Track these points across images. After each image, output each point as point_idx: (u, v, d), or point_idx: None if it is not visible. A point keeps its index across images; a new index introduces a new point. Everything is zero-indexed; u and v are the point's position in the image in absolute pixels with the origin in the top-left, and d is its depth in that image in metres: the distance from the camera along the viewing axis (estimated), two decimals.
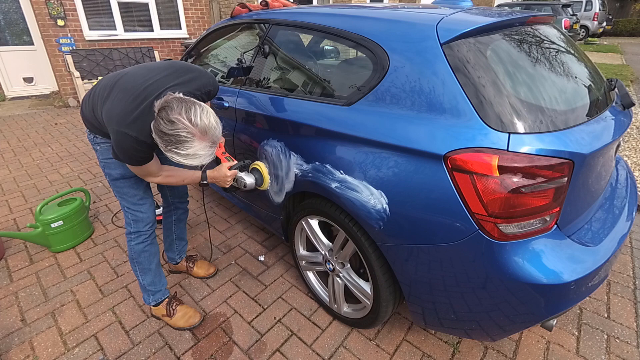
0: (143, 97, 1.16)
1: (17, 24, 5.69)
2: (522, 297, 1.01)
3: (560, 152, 0.96)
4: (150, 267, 1.56)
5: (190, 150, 1.08)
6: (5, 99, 5.93)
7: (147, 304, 1.60)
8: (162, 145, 1.08)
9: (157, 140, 1.09)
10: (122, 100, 1.17)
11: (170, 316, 1.59)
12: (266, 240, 2.24)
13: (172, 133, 1.05)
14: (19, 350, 1.48)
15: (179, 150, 1.07)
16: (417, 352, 1.48)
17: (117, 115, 1.16)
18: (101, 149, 1.39)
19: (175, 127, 1.05)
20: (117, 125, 1.15)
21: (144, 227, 1.50)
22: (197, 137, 1.08)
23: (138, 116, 1.15)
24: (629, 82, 6.26)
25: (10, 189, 2.90)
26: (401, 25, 1.22)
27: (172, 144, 1.06)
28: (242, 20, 1.98)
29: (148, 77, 1.21)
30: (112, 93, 1.21)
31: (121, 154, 1.20)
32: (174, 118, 1.05)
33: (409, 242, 1.12)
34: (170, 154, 1.09)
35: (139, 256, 1.52)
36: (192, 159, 1.11)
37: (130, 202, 1.46)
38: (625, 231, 1.25)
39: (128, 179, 1.42)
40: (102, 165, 1.42)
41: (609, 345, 1.49)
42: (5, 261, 2.03)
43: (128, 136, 1.14)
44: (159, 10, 6.19)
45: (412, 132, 1.07)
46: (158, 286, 1.60)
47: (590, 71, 1.35)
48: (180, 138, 1.05)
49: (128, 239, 1.52)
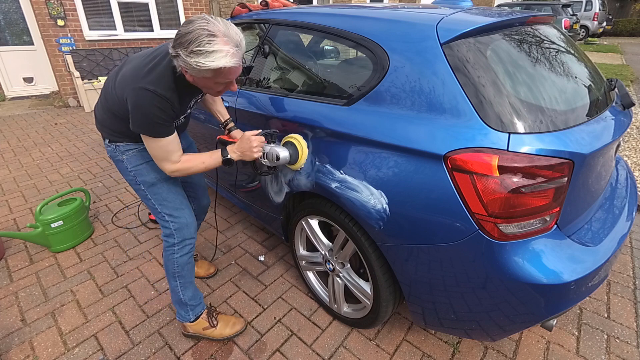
0: (155, 55, 1.13)
1: (17, 24, 5.69)
2: (522, 297, 1.01)
3: (560, 152, 0.96)
4: (191, 280, 1.46)
5: (215, 47, 0.97)
6: (5, 99, 5.93)
7: (186, 321, 1.48)
8: (184, 52, 0.97)
9: (179, 54, 0.99)
10: (134, 63, 1.14)
11: (214, 326, 1.50)
12: (266, 240, 2.24)
13: (191, 30, 0.96)
14: (19, 350, 1.48)
15: (201, 48, 0.96)
16: (417, 352, 1.48)
17: (130, 75, 1.10)
18: (128, 157, 1.29)
19: (195, 24, 0.97)
20: (133, 83, 1.08)
21: (189, 234, 1.39)
22: (220, 36, 0.98)
23: (153, 67, 1.09)
24: (629, 82, 6.26)
25: (10, 189, 2.90)
26: (401, 25, 1.22)
27: (194, 42, 0.96)
28: (242, 20, 1.98)
29: (156, 47, 1.20)
30: (122, 69, 1.18)
31: (140, 120, 1.10)
32: (195, 17, 0.99)
33: (409, 242, 1.12)
34: (194, 57, 0.97)
35: (183, 269, 1.40)
36: (218, 57, 0.98)
37: (172, 207, 1.35)
38: (625, 231, 1.25)
39: (166, 181, 1.33)
40: (132, 175, 1.32)
41: (609, 345, 1.49)
42: (5, 261, 2.03)
43: (146, 91, 1.06)
44: (159, 10, 6.19)
45: (412, 132, 1.07)
46: (197, 299, 1.50)
47: (590, 71, 1.35)
48: (201, 32, 0.96)
49: (169, 252, 1.38)
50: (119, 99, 1.14)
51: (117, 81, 1.15)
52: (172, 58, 1.04)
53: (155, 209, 1.37)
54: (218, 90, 1.14)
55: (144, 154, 1.31)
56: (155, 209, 1.36)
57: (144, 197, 1.36)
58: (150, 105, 1.07)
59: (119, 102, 1.15)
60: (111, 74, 1.25)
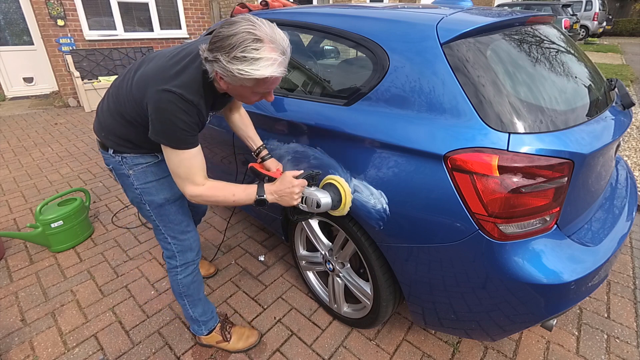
0: (183, 55, 0.99)
1: (17, 24, 5.70)
2: (522, 297, 1.01)
3: (560, 152, 0.96)
4: (200, 297, 1.40)
5: (261, 53, 0.85)
6: (5, 99, 5.93)
7: (199, 335, 1.46)
8: (225, 57, 0.86)
9: (218, 58, 0.87)
10: (158, 62, 1.00)
11: (227, 340, 1.46)
12: (266, 240, 2.24)
13: (235, 33, 0.84)
14: (19, 350, 1.48)
15: (246, 54, 0.84)
16: (417, 352, 1.48)
17: (153, 75, 0.97)
18: (136, 173, 1.15)
19: (239, 27, 0.85)
20: (157, 84, 0.94)
21: (193, 257, 1.33)
22: (266, 42, 0.86)
23: (182, 69, 0.96)
24: (629, 82, 6.26)
25: (10, 189, 2.90)
26: (401, 25, 1.22)
27: (237, 47, 0.84)
28: None
29: (182, 45, 1.05)
30: (142, 65, 1.04)
31: (162, 126, 0.96)
32: (238, 18, 0.87)
33: (409, 242, 1.12)
34: (236, 64, 0.85)
35: (188, 289, 1.35)
36: (264, 65, 0.86)
37: (177, 230, 1.26)
38: (625, 231, 1.25)
39: (174, 202, 1.23)
40: (138, 194, 1.19)
41: (609, 345, 1.49)
42: (5, 261, 2.03)
43: (171, 94, 0.93)
44: (159, 10, 6.19)
45: (412, 132, 1.07)
46: (209, 314, 1.45)
47: (590, 71, 1.35)
48: (246, 36, 0.84)
49: (173, 274, 1.32)
50: (136, 102, 1.01)
51: (134, 81, 1.02)
52: (205, 62, 0.92)
53: (159, 230, 1.27)
54: (253, 100, 1.03)
55: (154, 170, 1.18)
56: (159, 230, 1.27)
57: (148, 217, 1.25)
58: (177, 109, 0.94)
59: (135, 106, 1.02)
60: (125, 74, 1.10)
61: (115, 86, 1.12)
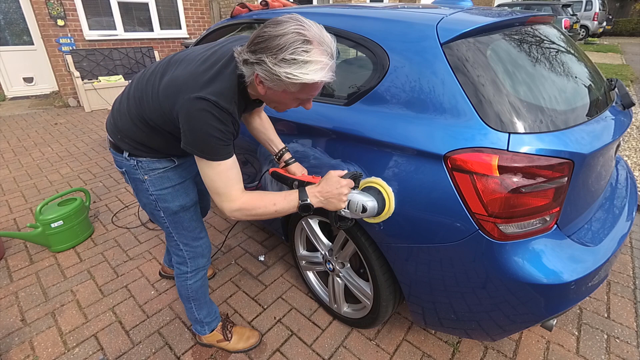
0: (215, 59, 0.93)
1: (17, 23, 5.69)
2: (522, 297, 1.01)
3: (560, 152, 0.96)
4: (206, 300, 1.41)
5: (311, 56, 0.79)
6: (5, 99, 5.93)
7: (201, 334, 1.46)
8: (271, 60, 0.79)
9: (263, 61, 0.81)
10: (188, 67, 0.94)
11: (228, 340, 1.46)
12: (266, 240, 2.24)
13: (284, 34, 0.79)
14: (19, 350, 1.48)
15: (295, 57, 0.78)
16: (417, 352, 1.48)
17: (184, 81, 0.90)
18: (152, 179, 1.10)
19: (288, 27, 0.79)
20: (189, 91, 0.88)
21: (204, 263, 1.32)
22: (316, 44, 0.80)
23: (216, 75, 0.90)
24: (629, 82, 6.26)
25: (10, 189, 2.90)
26: (401, 25, 1.22)
27: (286, 48, 0.78)
28: (242, 20, 1.98)
29: (211, 46, 0.99)
30: (169, 68, 0.97)
31: (196, 136, 0.89)
32: (285, 18, 0.82)
33: (409, 242, 1.12)
34: (284, 67, 0.79)
35: (197, 293, 1.34)
36: (314, 69, 0.80)
37: (190, 237, 1.24)
38: (625, 231, 1.25)
39: (189, 209, 1.20)
40: (153, 200, 1.14)
41: (609, 345, 1.49)
42: (5, 261, 2.03)
43: (205, 102, 0.87)
44: (159, 10, 6.20)
45: (412, 131, 1.07)
46: (213, 315, 1.46)
47: (590, 71, 1.35)
48: (296, 39, 0.78)
49: (182, 279, 1.31)
50: (163, 109, 0.95)
51: (162, 87, 0.95)
52: (244, 64, 0.86)
53: (171, 236, 1.24)
54: (292, 106, 0.96)
55: (170, 176, 1.14)
56: (172, 236, 1.24)
57: (161, 223, 1.21)
58: (211, 117, 0.88)
59: (162, 113, 0.96)
60: (148, 76, 1.03)
61: (138, 89, 1.04)
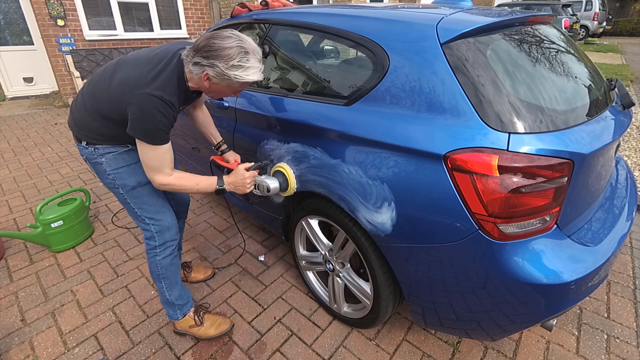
0: (158, 59, 1.13)
1: (17, 24, 5.70)
2: (522, 297, 1.01)
3: (560, 152, 0.96)
4: (177, 281, 1.48)
5: (251, 63, 1.09)
6: (5, 99, 5.93)
7: (174, 319, 1.51)
8: (223, 64, 1.06)
9: (215, 64, 1.06)
10: (136, 67, 1.12)
11: (200, 325, 1.51)
12: (266, 240, 2.24)
13: (232, 45, 1.05)
14: (19, 350, 1.48)
15: (241, 63, 1.07)
16: (417, 352, 1.48)
17: (134, 80, 1.10)
18: (108, 160, 1.27)
19: (233, 41, 1.06)
20: (137, 89, 1.08)
21: (171, 237, 1.40)
22: (251, 53, 1.09)
23: (159, 73, 1.11)
24: (629, 82, 6.26)
25: (10, 189, 2.90)
26: (401, 25, 1.22)
27: (233, 57, 1.06)
28: (242, 20, 1.98)
29: (153, 50, 1.19)
30: (117, 69, 1.15)
31: (142, 125, 1.10)
32: (228, 34, 1.08)
33: (409, 242, 1.12)
34: (233, 70, 1.07)
35: (167, 271, 1.42)
36: (253, 72, 1.10)
37: (152, 210, 1.35)
38: (625, 231, 1.25)
39: (145, 185, 1.32)
40: (111, 179, 1.29)
41: (609, 345, 1.49)
42: (5, 261, 2.03)
43: (152, 97, 1.07)
44: (159, 10, 6.19)
45: (412, 132, 1.07)
46: (185, 298, 1.52)
47: (590, 71, 1.35)
48: (240, 50, 1.06)
49: (152, 255, 1.40)
50: (115, 103, 1.13)
51: (114, 84, 1.13)
52: (194, 65, 1.09)
53: (135, 213, 1.35)
54: (228, 95, 1.23)
55: (124, 157, 1.29)
56: (135, 212, 1.35)
57: (123, 200, 1.35)
58: (156, 111, 1.08)
59: (114, 106, 1.14)
60: (101, 75, 1.20)
61: (91, 86, 1.23)
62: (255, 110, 1.65)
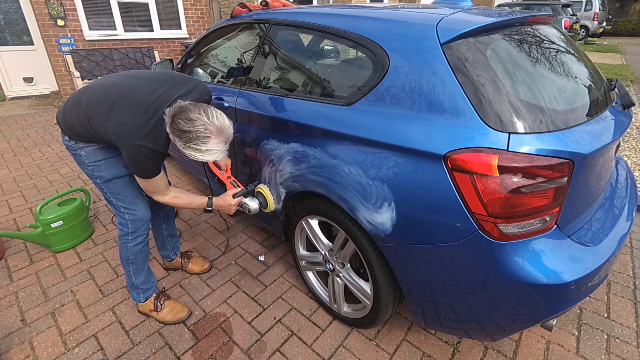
0: (154, 109, 1.21)
1: (17, 24, 5.69)
2: (522, 297, 1.01)
3: (560, 152, 0.96)
4: (144, 267, 1.59)
5: (208, 146, 1.20)
6: (5, 99, 5.93)
7: (137, 302, 1.63)
8: (181, 143, 1.19)
9: (176, 140, 1.19)
10: (133, 115, 1.19)
11: (158, 311, 1.61)
12: (266, 240, 2.24)
13: (192, 130, 1.16)
14: (19, 350, 1.48)
15: (197, 146, 1.19)
16: (417, 352, 1.48)
17: (130, 129, 1.19)
18: (87, 153, 1.36)
19: (195, 124, 1.16)
20: (132, 139, 1.18)
21: (142, 226, 1.51)
22: (214, 134, 1.19)
23: (152, 128, 1.20)
24: (629, 82, 6.26)
25: (10, 189, 2.90)
26: (401, 25, 1.22)
27: (192, 140, 1.17)
28: (242, 20, 1.98)
29: (154, 89, 1.24)
30: (116, 105, 1.21)
31: (134, 166, 1.24)
32: (194, 117, 1.17)
33: (409, 242, 1.12)
34: (189, 150, 1.20)
35: (135, 257, 1.53)
36: (209, 154, 1.22)
37: (127, 201, 1.45)
38: (625, 231, 1.25)
39: (121, 177, 1.42)
40: (90, 170, 1.39)
41: (609, 345, 1.49)
42: (5, 261, 2.03)
43: (144, 148, 1.19)
44: (159, 10, 6.19)
45: (412, 132, 1.07)
46: (149, 283, 1.63)
47: (590, 71, 1.35)
48: (199, 134, 1.17)
49: (124, 241, 1.50)
50: (110, 139, 1.24)
51: (111, 123, 1.20)
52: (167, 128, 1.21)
53: (111, 201, 1.46)
54: None
55: (103, 152, 1.37)
56: (111, 201, 1.45)
57: (101, 189, 1.45)
58: (147, 158, 1.22)
59: (107, 138, 1.25)
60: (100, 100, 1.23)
61: (89, 107, 1.26)
62: (255, 110, 1.65)
